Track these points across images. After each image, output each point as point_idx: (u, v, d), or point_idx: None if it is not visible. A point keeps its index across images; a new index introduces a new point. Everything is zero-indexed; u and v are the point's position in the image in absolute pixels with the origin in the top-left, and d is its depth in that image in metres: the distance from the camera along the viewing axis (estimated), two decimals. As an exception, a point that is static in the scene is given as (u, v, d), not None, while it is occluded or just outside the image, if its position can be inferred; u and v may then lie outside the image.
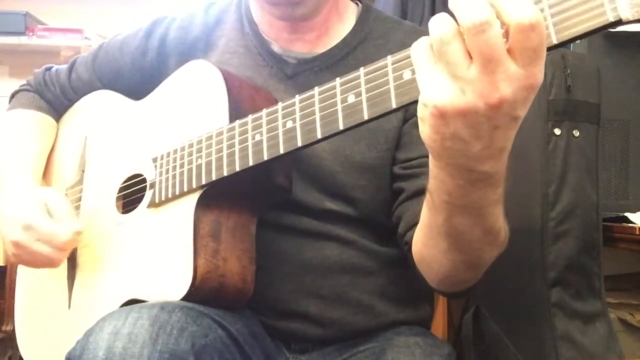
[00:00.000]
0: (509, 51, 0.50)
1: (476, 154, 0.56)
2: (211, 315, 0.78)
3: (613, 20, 0.51)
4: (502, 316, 1.34)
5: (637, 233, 1.18)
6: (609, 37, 1.35)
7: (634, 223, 1.22)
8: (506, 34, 0.50)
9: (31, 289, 1.09)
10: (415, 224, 0.80)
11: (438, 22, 0.52)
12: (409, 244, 0.83)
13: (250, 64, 0.98)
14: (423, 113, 0.55)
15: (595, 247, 1.24)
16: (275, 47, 0.98)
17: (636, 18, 0.51)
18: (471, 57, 0.51)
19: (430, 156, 0.62)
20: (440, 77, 0.53)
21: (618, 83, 1.35)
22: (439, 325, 1.81)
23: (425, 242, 0.75)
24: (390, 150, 0.93)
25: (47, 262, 0.94)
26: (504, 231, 0.72)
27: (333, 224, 0.92)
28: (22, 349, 1.06)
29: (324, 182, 0.91)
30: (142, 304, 0.77)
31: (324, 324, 0.92)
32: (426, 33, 1.13)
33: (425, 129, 0.56)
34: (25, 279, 1.11)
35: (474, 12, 0.49)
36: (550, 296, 1.21)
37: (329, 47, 0.97)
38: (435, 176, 0.63)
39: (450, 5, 0.52)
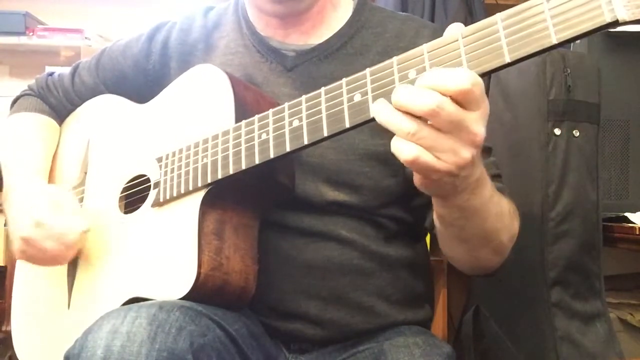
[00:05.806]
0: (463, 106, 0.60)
1: (468, 180, 0.67)
2: (210, 315, 0.78)
3: (610, 20, 0.54)
4: (502, 316, 1.34)
5: (637, 233, 1.18)
6: (609, 37, 1.36)
7: (634, 223, 1.22)
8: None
9: (29, 289, 1.09)
10: None
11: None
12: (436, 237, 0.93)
13: (250, 62, 0.99)
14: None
15: (595, 247, 1.24)
16: (273, 42, 1.00)
17: (632, 19, 0.53)
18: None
19: (433, 199, 0.73)
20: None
21: (618, 83, 1.35)
22: (439, 325, 1.81)
23: (451, 247, 0.85)
24: None
25: (54, 260, 0.93)
26: (511, 207, 0.83)
27: (335, 221, 0.92)
28: (18, 349, 1.06)
29: (328, 172, 0.92)
30: (141, 303, 0.77)
31: (323, 324, 0.92)
32: (420, 22, 1.15)
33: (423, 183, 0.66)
34: (22, 279, 1.11)
35: (424, 101, 0.59)
36: (550, 296, 1.22)
37: (325, 38, 0.98)
38: (442, 206, 0.73)
39: (400, 101, 0.60)
